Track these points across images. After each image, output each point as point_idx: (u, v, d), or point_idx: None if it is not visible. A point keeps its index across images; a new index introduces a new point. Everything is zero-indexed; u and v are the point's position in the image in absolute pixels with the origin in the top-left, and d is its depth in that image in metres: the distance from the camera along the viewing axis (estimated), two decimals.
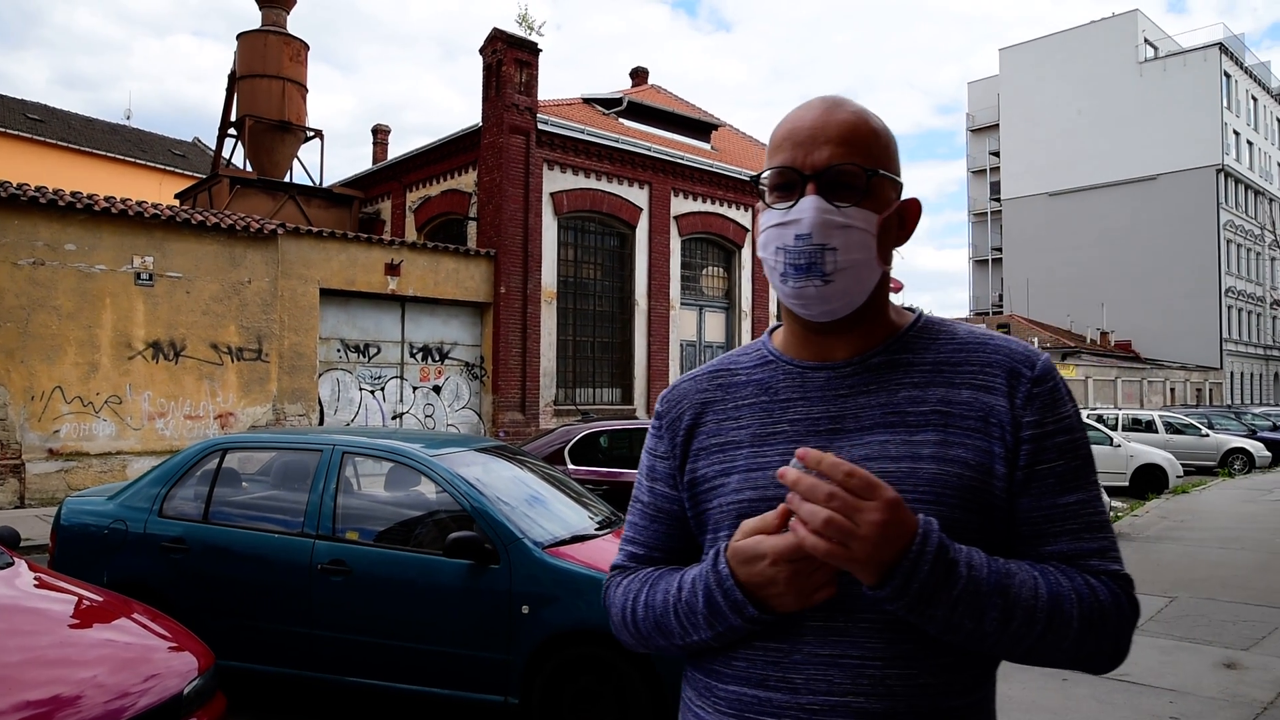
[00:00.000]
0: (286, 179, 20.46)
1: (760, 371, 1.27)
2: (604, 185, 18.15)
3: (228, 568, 4.69)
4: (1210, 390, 44.54)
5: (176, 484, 5.01)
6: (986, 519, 1.13)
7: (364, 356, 14.97)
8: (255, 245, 13.28)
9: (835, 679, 1.10)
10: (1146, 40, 49.55)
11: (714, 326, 20.66)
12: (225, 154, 21.41)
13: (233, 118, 20.47)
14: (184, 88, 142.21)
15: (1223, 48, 46.98)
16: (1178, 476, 16.54)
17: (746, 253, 21.07)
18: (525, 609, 4.13)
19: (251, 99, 19.65)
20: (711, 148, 21.78)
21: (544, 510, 4.81)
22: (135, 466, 11.64)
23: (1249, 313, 49.58)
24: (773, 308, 21.62)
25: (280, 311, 13.50)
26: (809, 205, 1.13)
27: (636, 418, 17.66)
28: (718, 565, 1.12)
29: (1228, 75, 47.34)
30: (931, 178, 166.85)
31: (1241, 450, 21.44)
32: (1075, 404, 1.19)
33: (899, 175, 1.20)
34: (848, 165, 1.14)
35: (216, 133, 21.08)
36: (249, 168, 20.36)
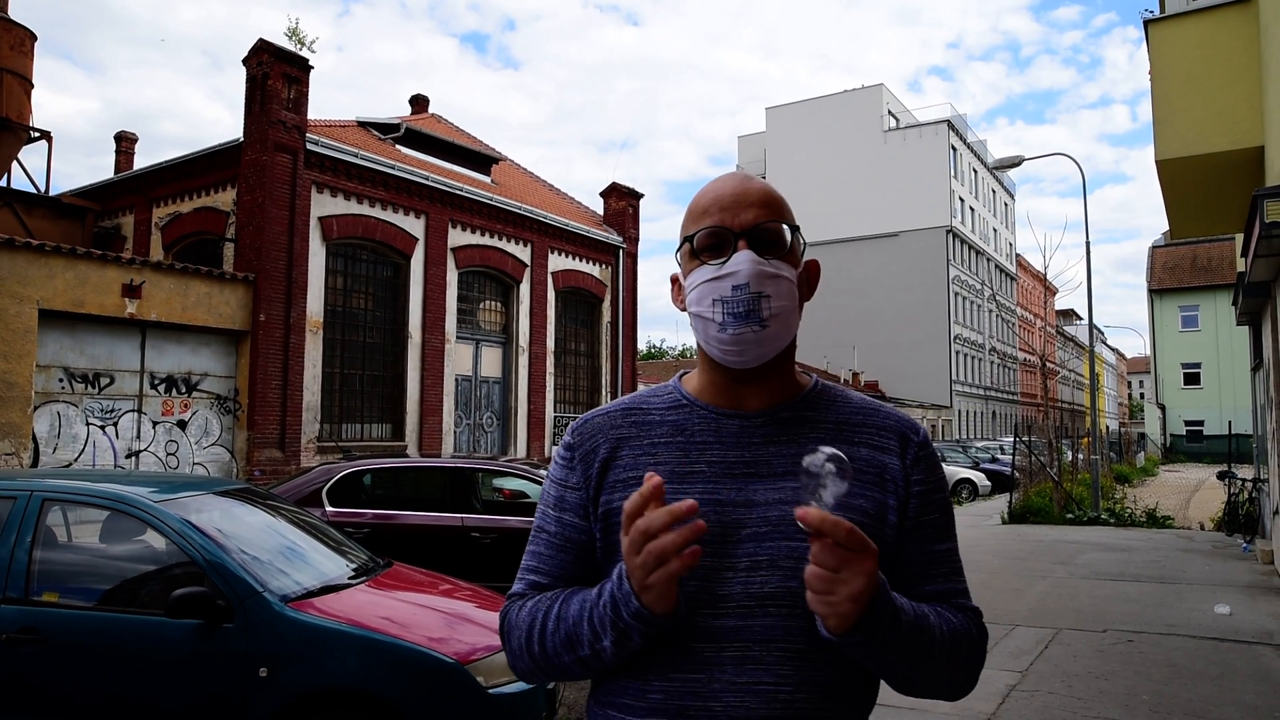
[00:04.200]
0: (3, 183, 17.97)
1: (674, 413, 1.34)
2: (378, 212, 17.43)
3: None
4: (943, 426, 49.71)
5: None
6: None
7: (94, 387, 13.29)
8: None
9: (751, 704, 1.18)
10: (890, 112, 55.29)
11: (491, 361, 20.33)
12: None
13: None
14: None
15: (950, 125, 53.33)
16: None
17: (525, 287, 20.99)
18: (264, 672, 3.70)
19: None
20: (492, 181, 21.61)
21: (291, 559, 4.38)
22: None
23: (972, 358, 56.03)
24: (550, 343, 21.65)
25: None
26: (744, 258, 1.24)
27: (408, 455, 16.93)
28: (620, 572, 1.16)
29: (954, 149, 53.74)
30: None
31: (968, 480, 23.99)
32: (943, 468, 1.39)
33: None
34: (772, 223, 1.28)
35: None
36: None
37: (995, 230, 62.89)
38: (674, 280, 1.38)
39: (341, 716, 3.70)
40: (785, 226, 1.28)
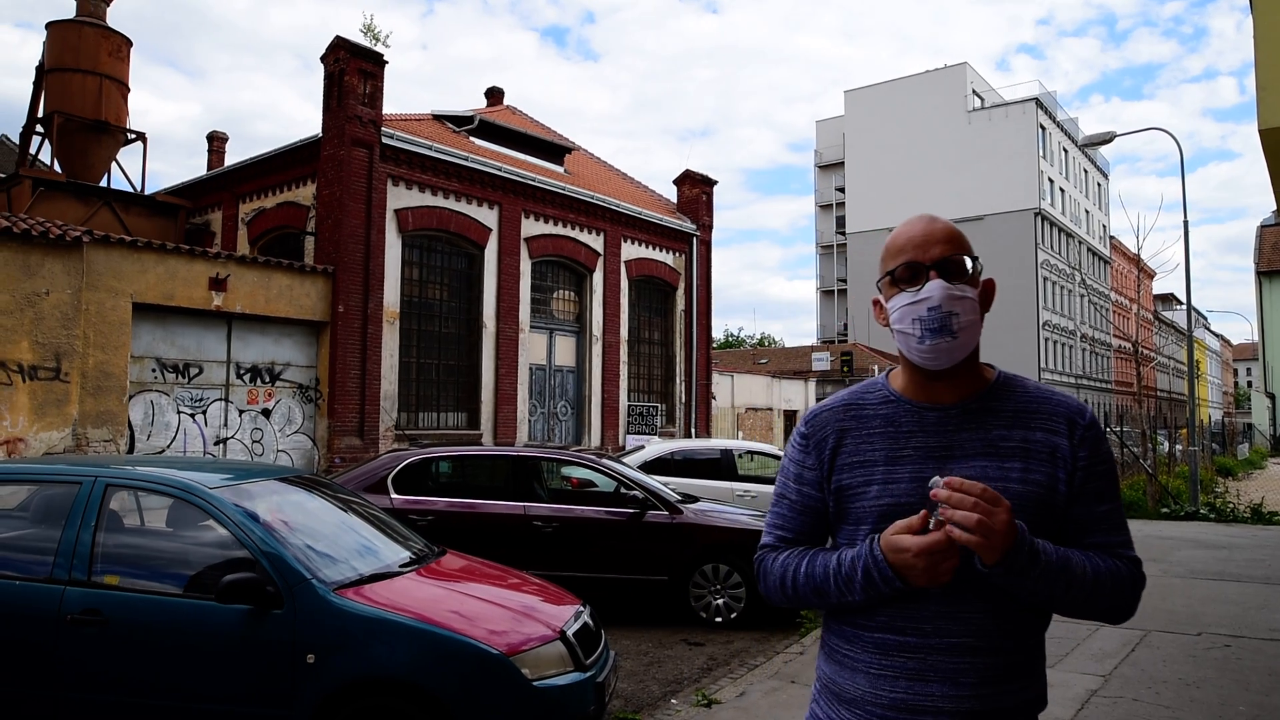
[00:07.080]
0: (103, 183, 18.85)
1: (885, 408, 1.70)
2: (452, 204, 17.66)
3: None
4: None
5: None
6: (1051, 522, 1.62)
7: (184, 377, 13.84)
8: (56, 253, 12.05)
9: (952, 627, 1.58)
10: (974, 92, 53.44)
11: (564, 350, 20.44)
12: (31, 153, 19.53)
13: (40, 114, 18.71)
14: (2, 82, 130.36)
15: (1039, 103, 51.23)
16: None
17: (598, 277, 21.00)
18: (311, 658, 3.72)
19: (63, 94, 18.01)
20: (565, 171, 21.66)
21: (344, 546, 4.41)
22: None
23: (1062, 344, 53.92)
24: (624, 332, 21.63)
25: (84, 327, 12.29)
26: (936, 285, 1.59)
27: (482, 443, 17.15)
28: (874, 550, 1.57)
29: (1043, 128, 51.63)
30: (784, 212, 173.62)
31: None
32: (1108, 441, 1.69)
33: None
34: (956, 256, 1.62)
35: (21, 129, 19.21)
36: (59, 169, 18.62)
37: (1087, 212, 60.26)
38: (875, 303, 1.74)
39: (385, 704, 3.70)
40: (966, 258, 1.61)
